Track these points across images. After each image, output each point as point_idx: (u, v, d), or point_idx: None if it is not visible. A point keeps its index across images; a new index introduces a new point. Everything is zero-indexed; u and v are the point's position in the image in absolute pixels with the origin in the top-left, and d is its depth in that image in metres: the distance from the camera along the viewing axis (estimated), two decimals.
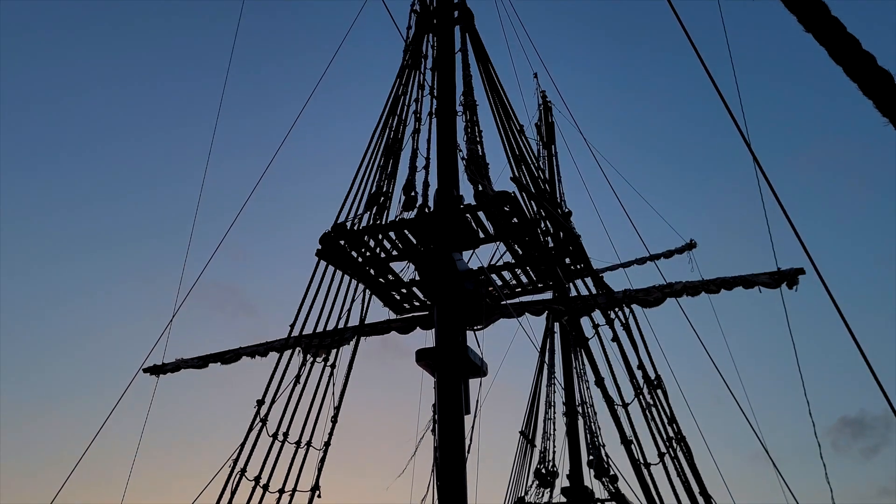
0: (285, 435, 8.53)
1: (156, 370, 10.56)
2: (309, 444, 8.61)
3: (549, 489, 17.98)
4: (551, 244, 9.42)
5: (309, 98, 11.03)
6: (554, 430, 18.60)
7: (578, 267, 9.72)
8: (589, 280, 9.72)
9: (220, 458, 8.55)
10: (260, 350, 10.29)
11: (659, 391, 9.08)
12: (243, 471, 8.20)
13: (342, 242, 9.13)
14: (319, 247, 9.16)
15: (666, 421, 9.06)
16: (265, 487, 8.31)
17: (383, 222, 9.26)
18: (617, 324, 9.22)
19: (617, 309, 9.37)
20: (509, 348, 19.37)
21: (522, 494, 17.70)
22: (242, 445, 8.35)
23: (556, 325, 19.50)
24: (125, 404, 9.66)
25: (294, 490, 8.38)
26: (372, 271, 9.74)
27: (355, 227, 9.16)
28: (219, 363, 10.50)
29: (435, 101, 9.91)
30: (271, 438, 8.45)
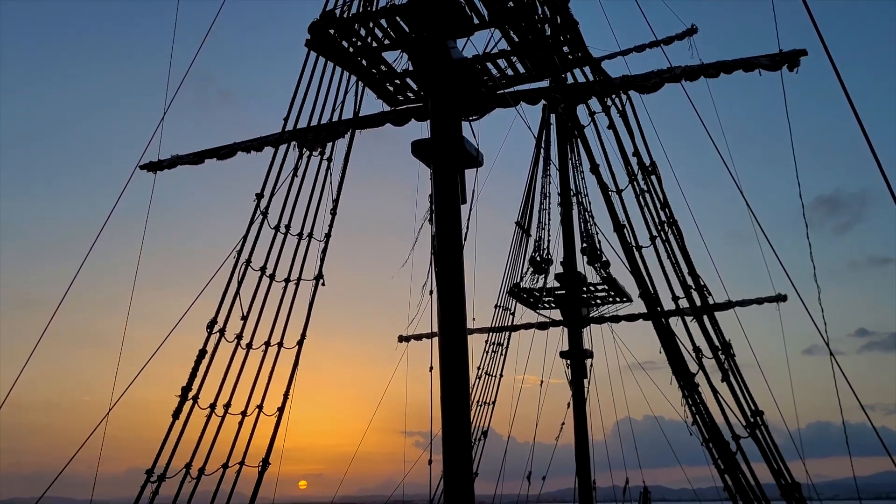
0: (287, 227, 8.73)
1: (152, 167, 10.60)
2: (310, 235, 8.83)
3: (543, 275, 18.71)
4: (548, 32, 9.11)
5: None
6: (549, 219, 19.05)
7: (577, 55, 9.48)
8: (587, 69, 9.51)
9: (223, 252, 8.82)
10: (255, 145, 10.26)
11: (653, 177, 9.20)
12: (248, 261, 8.47)
13: (332, 32, 8.82)
14: (308, 37, 8.85)
15: (659, 206, 9.26)
16: (271, 277, 8.63)
17: (374, 9, 8.89)
18: (613, 111, 9.15)
19: (613, 96, 9.26)
20: (505, 140, 19.36)
21: (518, 281, 18.46)
22: (245, 237, 8.56)
23: (552, 116, 19.34)
24: (126, 204, 9.80)
25: (299, 279, 8.71)
26: (364, 62, 9.50)
27: (345, 15, 8.81)
28: (214, 158, 10.51)
29: None
30: (273, 230, 8.66)
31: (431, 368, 8.69)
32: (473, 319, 10.39)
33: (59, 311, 9.37)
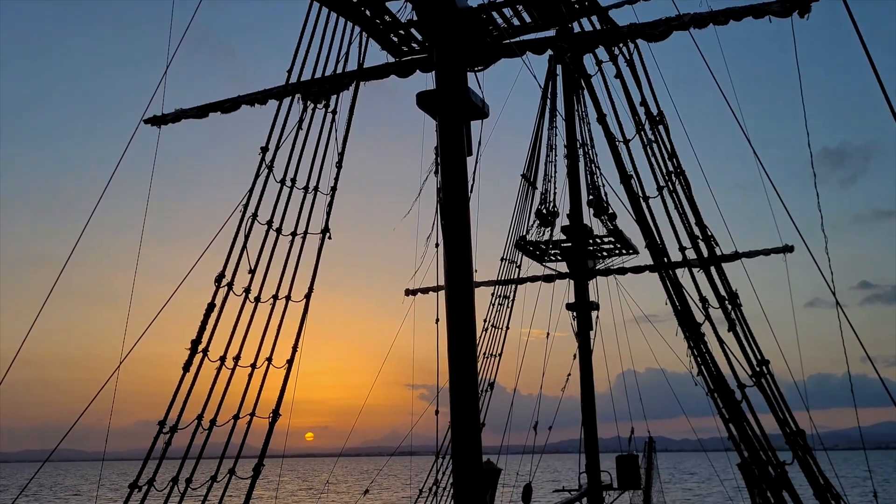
0: (293, 181, 8.71)
1: (156, 121, 10.56)
2: (316, 189, 8.82)
3: (549, 228, 18.69)
4: None
5: None
6: (555, 171, 18.94)
7: (584, 4, 9.32)
8: (594, 18, 9.37)
9: (229, 206, 8.81)
10: (259, 98, 10.19)
11: (660, 127, 9.11)
12: (254, 215, 8.48)
13: None
14: None
15: (666, 156, 9.19)
16: (278, 231, 8.64)
17: None
18: (620, 59, 9.03)
19: (621, 44, 9.13)
20: (511, 92, 19.16)
21: (524, 233, 18.44)
22: (251, 191, 8.56)
23: (559, 67, 19.09)
24: (132, 160, 9.77)
25: (305, 233, 8.72)
26: (368, 12, 9.36)
27: None
28: (218, 112, 10.45)
29: None
30: (279, 184, 8.64)
31: (437, 321, 8.75)
32: (477, 271, 10.40)
33: (68, 267, 9.41)
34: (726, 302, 8.80)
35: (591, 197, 18.08)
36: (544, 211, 18.50)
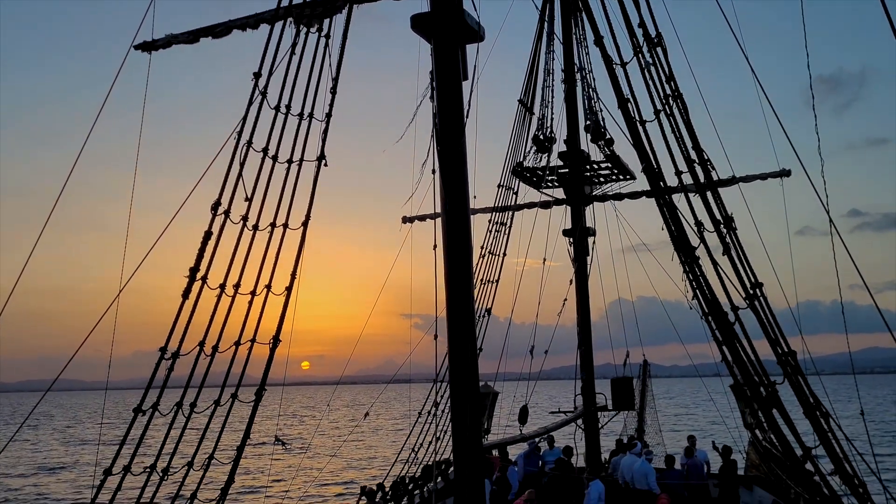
0: (287, 107, 8.62)
1: (147, 47, 10.36)
2: (311, 115, 8.73)
3: (546, 154, 18.56)
4: None
5: None
6: (552, 97, 18.69)
7: None
8: None
9: (224, 135, 8.72)
10: (250, 22, 9.97)
11: (658, 49, 8.98)
12: (249, 142, 8.42)
13: None
14: None
15: (664, 79, 9.09)
16: (274, 158, 8.59)
17: None
18: None
19: None
20: (507, 15, 18.78)
21: (521, 159, 18.34)
22: (245, 118, 8.47)
23: None
24: (123, 88, 9.62)
25: (301, 160, 8.68)
26: None
27: None
28: (210, 37, 10.24)
29: None
30: (273, 110, 8.55)
31: (435, 247, 8.78)
32: (475, 198, 10.40)
33: (62, 199, 9.38)
34: (721, 226, 8.84)
35: (588, 122, 17.92)
36: (541, 137, 18.35)
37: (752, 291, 8.53)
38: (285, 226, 8.54)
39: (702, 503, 16.21)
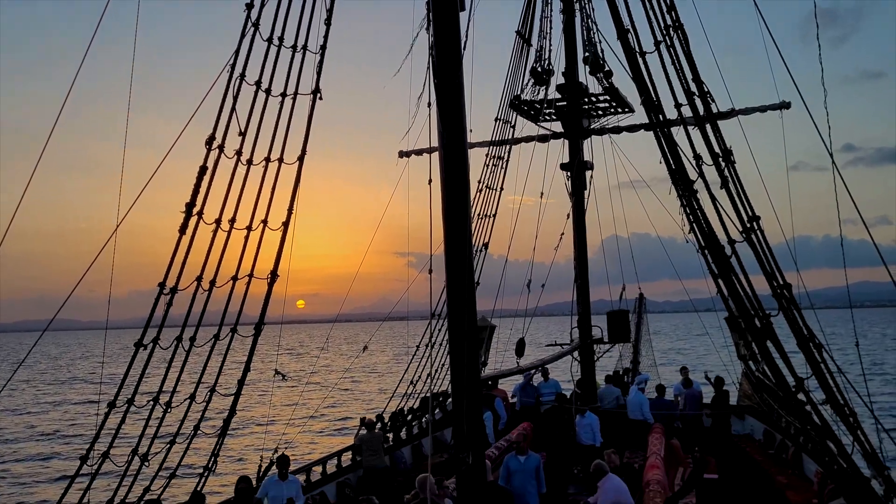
0: (280, 39, 8.45)
1: None
2: (304, 47, 8.57)
3: (544, 87, 18.31)
4: None
5: None
6: (550, 28, 18.32)
7: None
8: None
9: (217, 69, 8.55)
10: None
11: None
12: (242, 75, 8.28)
13: None
14: None
15: (665, 9, 8.90)
16: (267, 91, 8.47)
17: None
18: None
19: None
20: None
21: (518, 93, 18.10)
22: (237, 51, 8.31)
23: None
24: (113, 25, 9.37)
25: (296, 93, 8.55)
26: None
27: None
28: None
29: None
30: (266, 43, 8.39)
31: (430, 181, 8.72)
32: (472, 132, 10.28)
33: (54, 137, 9.24)
34: (720, 159, 8.79)
35: (587, 54, 17.61)
36: (539, 69, 18.08)
37: (749, 225, 8.52)
38: (280, 160, 8.46)
39: (695, 432, 16.54)
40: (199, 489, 9.73)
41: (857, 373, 10.32)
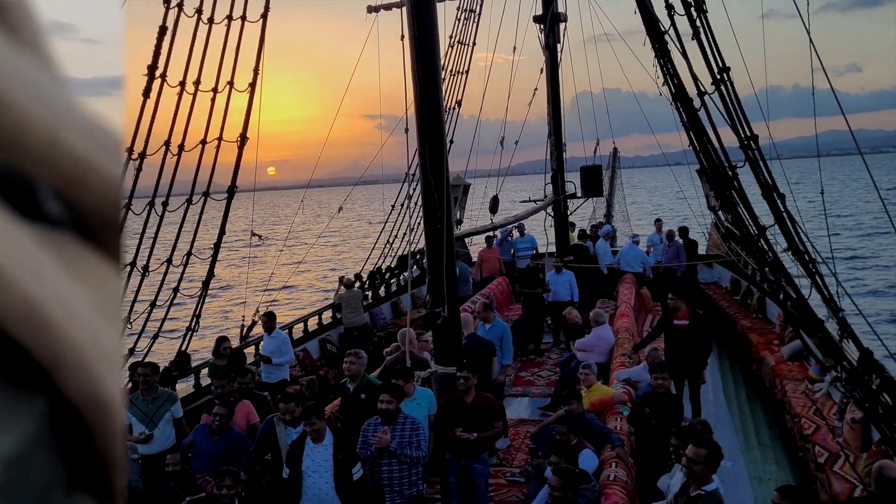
0: None
1: None
2: None
3: None
4: None
5: None
6: None
7: None
8: None
9: None
10: None
11: None
12: None
13: None
14: None
15: None
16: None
17: None
18: None
19: None
20: None
21: None
22: None
23: None
24: None
25: (243, 19, 8.12)
26: None
27: None
28: None
29: None
30: None
31: (403, 37, 8.51)
32: None
33: None
34: (692, 9, 8.62)
35: None
36: None
37: (719, 76, 8.47)
38: (243, 18, 8.19)
39: (664, 282, 17.09)
40: (183, 349, 9.90)
41: (821, 219, 10.56)
